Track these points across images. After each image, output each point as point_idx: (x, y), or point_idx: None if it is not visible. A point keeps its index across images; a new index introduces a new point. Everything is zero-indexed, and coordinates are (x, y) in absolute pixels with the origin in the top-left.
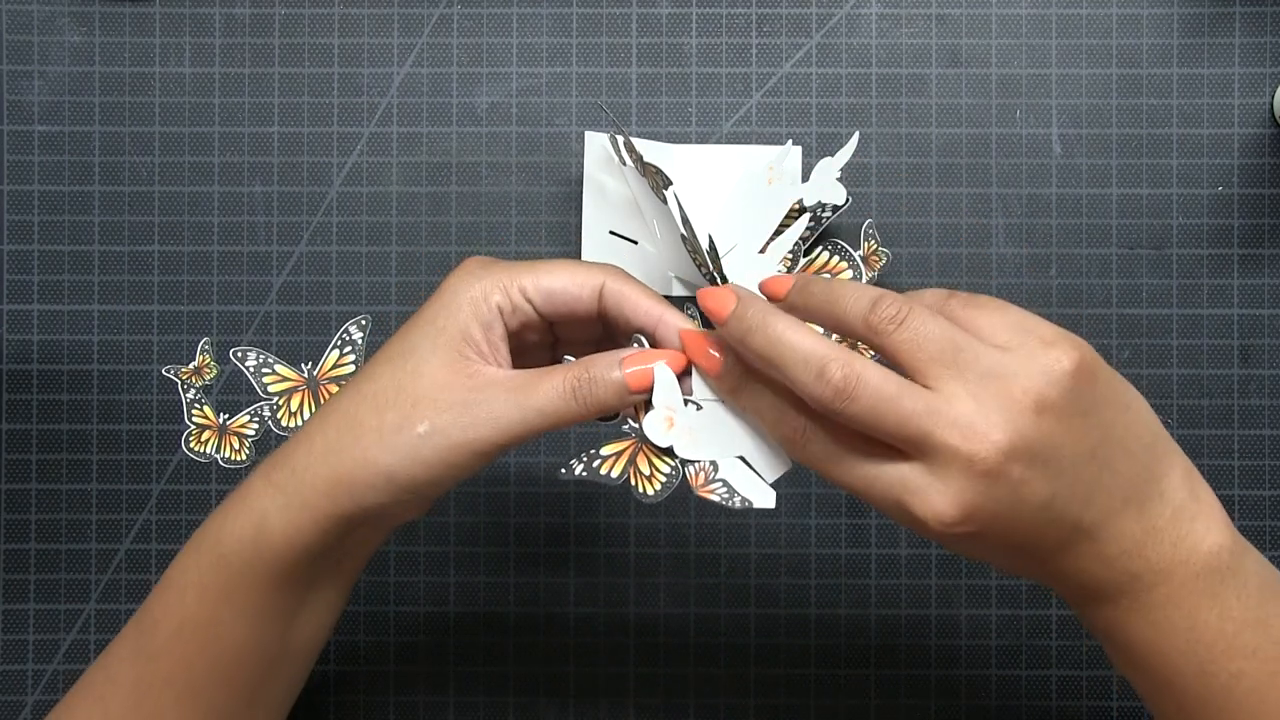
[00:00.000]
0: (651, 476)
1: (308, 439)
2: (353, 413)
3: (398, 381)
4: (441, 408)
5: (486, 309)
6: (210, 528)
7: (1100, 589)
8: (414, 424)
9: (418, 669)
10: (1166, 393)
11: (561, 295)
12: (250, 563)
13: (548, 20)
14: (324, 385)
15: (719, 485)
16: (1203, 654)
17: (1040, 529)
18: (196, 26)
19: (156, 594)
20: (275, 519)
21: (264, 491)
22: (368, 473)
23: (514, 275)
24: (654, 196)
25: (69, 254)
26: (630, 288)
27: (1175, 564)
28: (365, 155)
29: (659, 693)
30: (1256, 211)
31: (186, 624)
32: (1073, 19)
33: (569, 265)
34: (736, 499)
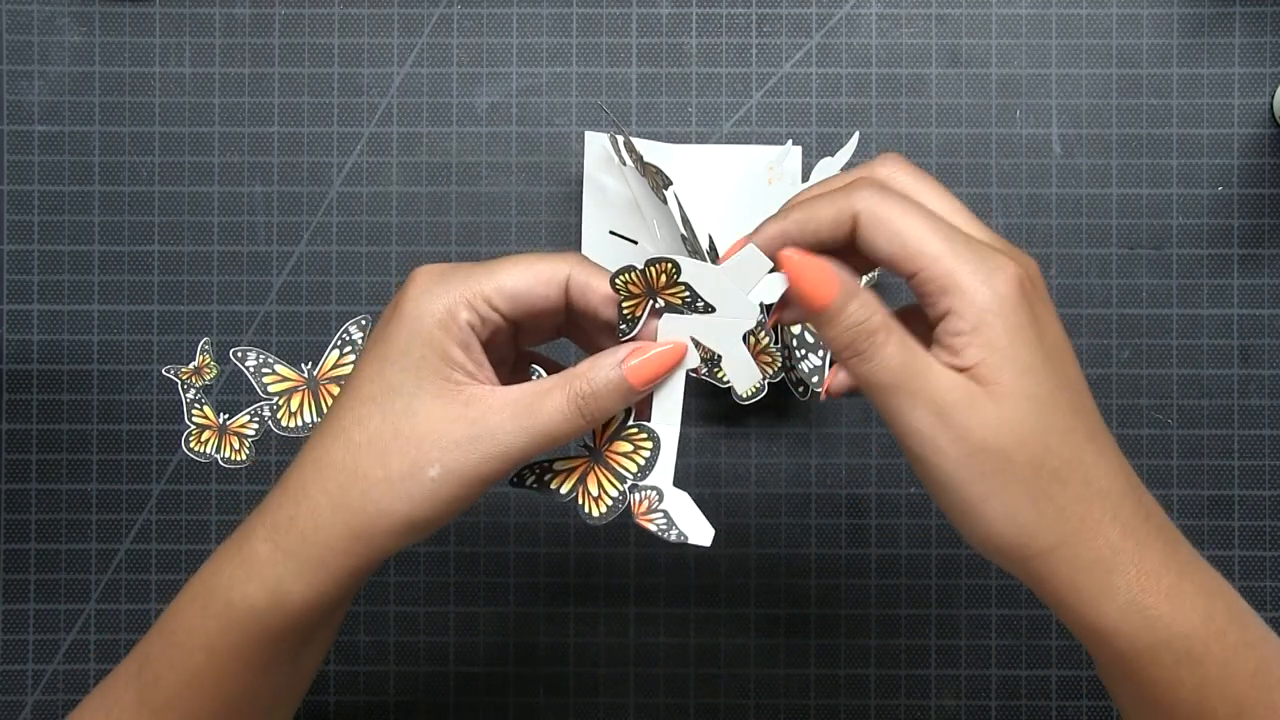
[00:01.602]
0: (599, 498)
1: (308, 499)
2: (351, 466)
3: (393, 425)
4: (447, 446)
5: (458, 328)
6: (216, 589)
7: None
8: (423, 468)
9: (418, 669)
10: (1166, 393)
11: (527, 296)
12: (265, 626)
13: (548, 20)
14: (324, 385)
15: (659, 516)
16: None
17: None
18: (196, 26)
19: (158, 647)
20: (293, 585)
21: (274, 557)
22: (387, 523)
23: (475, 284)
24: (654, 196)
25: (69, 254)
26: (595, 277)
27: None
28: (365, 155)
29: (659, 693)
30: (1256, 211)
31: (194, 680)
32: (1073, 19)
33: (528, 262)
34: (673, 532)
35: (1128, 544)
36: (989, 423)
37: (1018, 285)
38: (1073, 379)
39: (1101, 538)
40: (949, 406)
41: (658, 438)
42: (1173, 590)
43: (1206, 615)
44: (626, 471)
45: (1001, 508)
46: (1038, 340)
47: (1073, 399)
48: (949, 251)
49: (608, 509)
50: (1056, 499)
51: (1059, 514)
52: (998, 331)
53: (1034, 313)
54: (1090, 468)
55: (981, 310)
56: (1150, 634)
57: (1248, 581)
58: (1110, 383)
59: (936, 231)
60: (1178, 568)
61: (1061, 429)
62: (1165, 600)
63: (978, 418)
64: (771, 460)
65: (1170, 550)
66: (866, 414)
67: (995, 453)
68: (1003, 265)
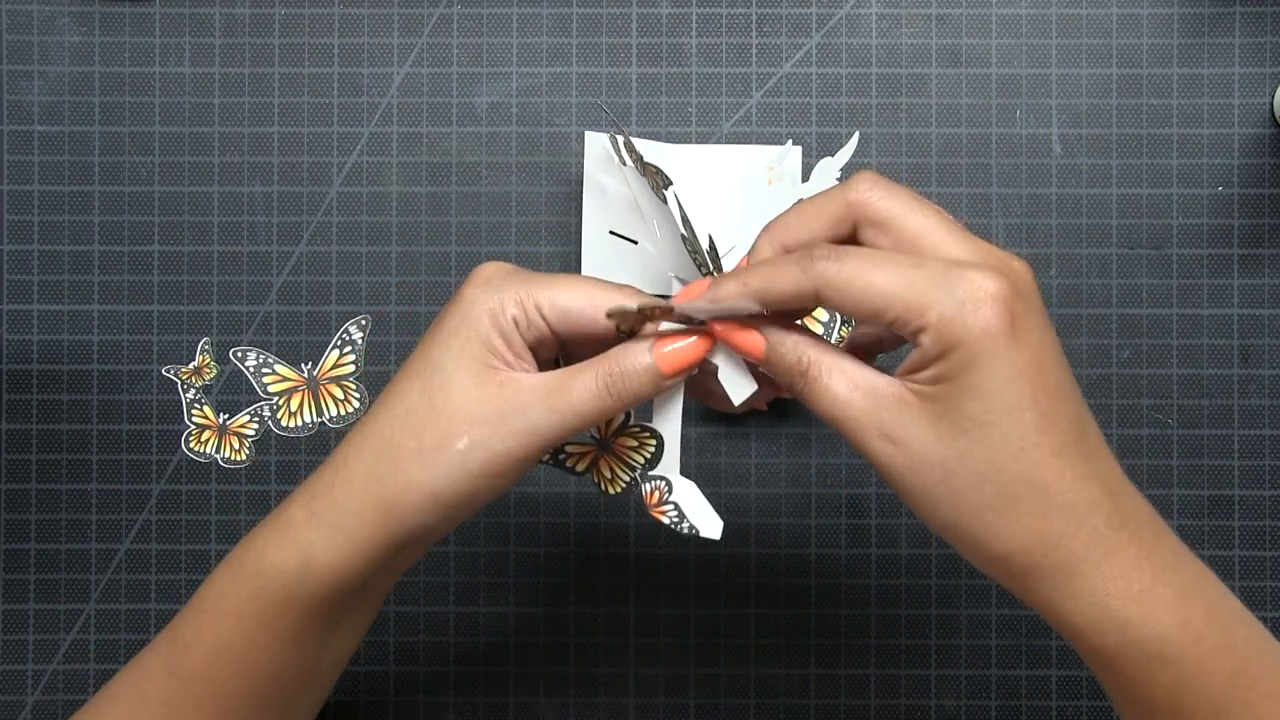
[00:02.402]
0: (613, 480)
1: (346, 467)
2: (388, 436)
3: (429, 399)
4: (477, 420)
5: (504, 321)
6: (248, 555)
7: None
8: (453, 440)
9: (418, 669)
10: (1166, 393)
11: (576, 314)
12: (293, 593)
13: (548, 20)
14: (324, 385)
15: (670, 508)
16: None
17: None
18: (196, 26)
19: (189, 615)
20: (321, 551)
21: (307, 523)
22: (414, 495)
23: (530, 289)
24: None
25: (69, 254)
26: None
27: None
28: (365, 155)
29: (659, 693)
30: (1256, 211)
31: (221, 649)
32: (1073, 19)
33: (586, 283)
34: (685, 524)
35: (1093, 552)
36: (926, 439)
37: (996, 305)
38: (1044, 391)
39: (1060, 549)
40: (889, 424)
41: (660, 436)
42: (1144, 594)
43: (1181, 619)
44: (635, 462)
45: (948, 515)
46: (1003, 363)
47: (1037, 416)
48: (915, 294)
49: (624, 488)
50: (1004, 512)
51: (1007, 526)
52: (958, 359)
53: (1013, 328)
54: (1050, 482)
55: (948, 340)
56: (1119, 634)
57: (1248, 581)
58: (1110, 383)
59: (898, 279)
60: (1153, 572)
61: (1013, 449)
62: (1134, 604)
63: (916, 434)
64: (771, 460)
65: (1146, 554)
66: None
67: (934, 465)
68: (977, 287)
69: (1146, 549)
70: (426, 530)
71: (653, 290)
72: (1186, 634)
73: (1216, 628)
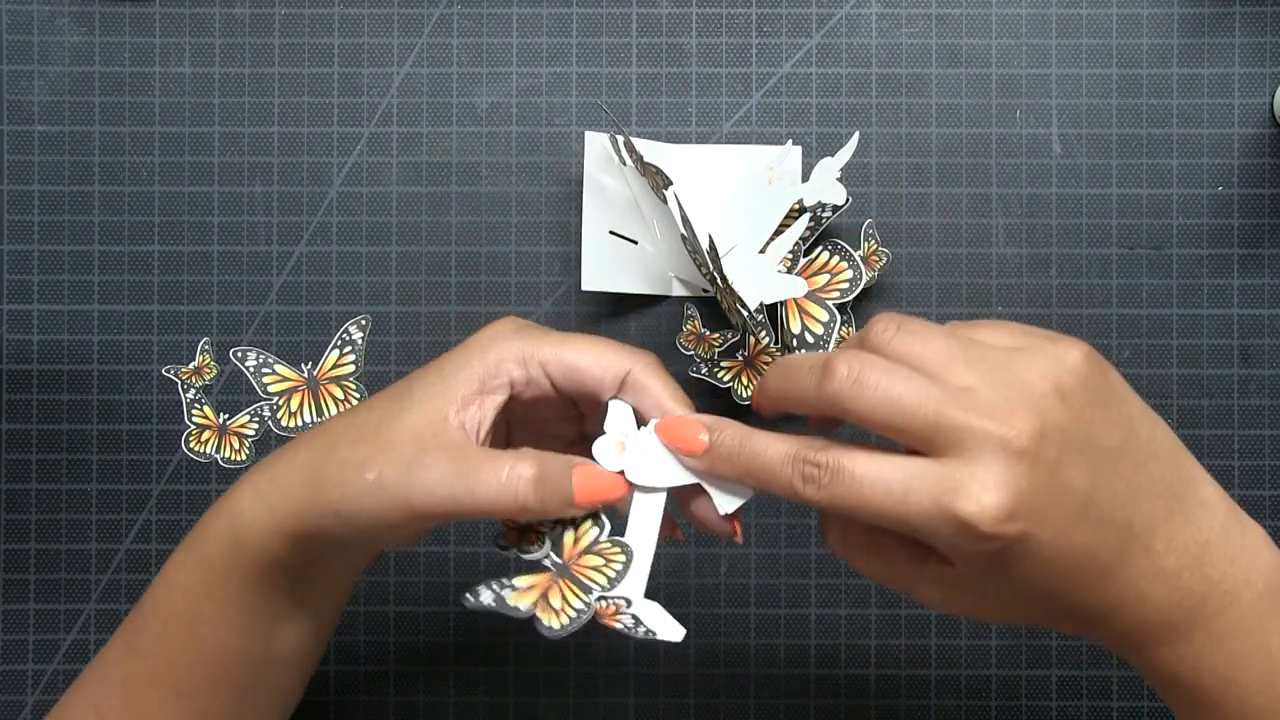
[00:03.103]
0: (561, 610)
1: (293, 449)
2: (338, 435)
3: (380, 419)
4: (392, 460)
5: (495, 378)
6: (199, 526)
7: (1165, 619)
8: (368, 468)
9: (418, 669)
10: (1166, 393)
11: (584, 374)
12: (228, 562)
13: (548, 20)
14: (324, 385)
15: (626, 617)
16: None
17: (1090, 532)
18: (196, 26)
19: (149, 590)
20: (248, 518)
21: (244, 489)
22: (323, 501)
23: (537, 345)
24: (654, 196)
25: (69, 254)
26: (656, 383)
27: (1239, 584)
28: (365, 155)
29: (659, 693)
30: (1256, 211)
31: (171, 620)
32: (1073, 19)
33: (599, 344)
34: (640, 629)
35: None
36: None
37: (986, 535)
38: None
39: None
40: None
41: (630, 552)
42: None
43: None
44: (594, 584)
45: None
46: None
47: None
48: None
49: (569, 621)
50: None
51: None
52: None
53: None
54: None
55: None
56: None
57: None
58: None
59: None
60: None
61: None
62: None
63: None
64: None
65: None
66: None
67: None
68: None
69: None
70: (332, 539)
71: (652, 291)
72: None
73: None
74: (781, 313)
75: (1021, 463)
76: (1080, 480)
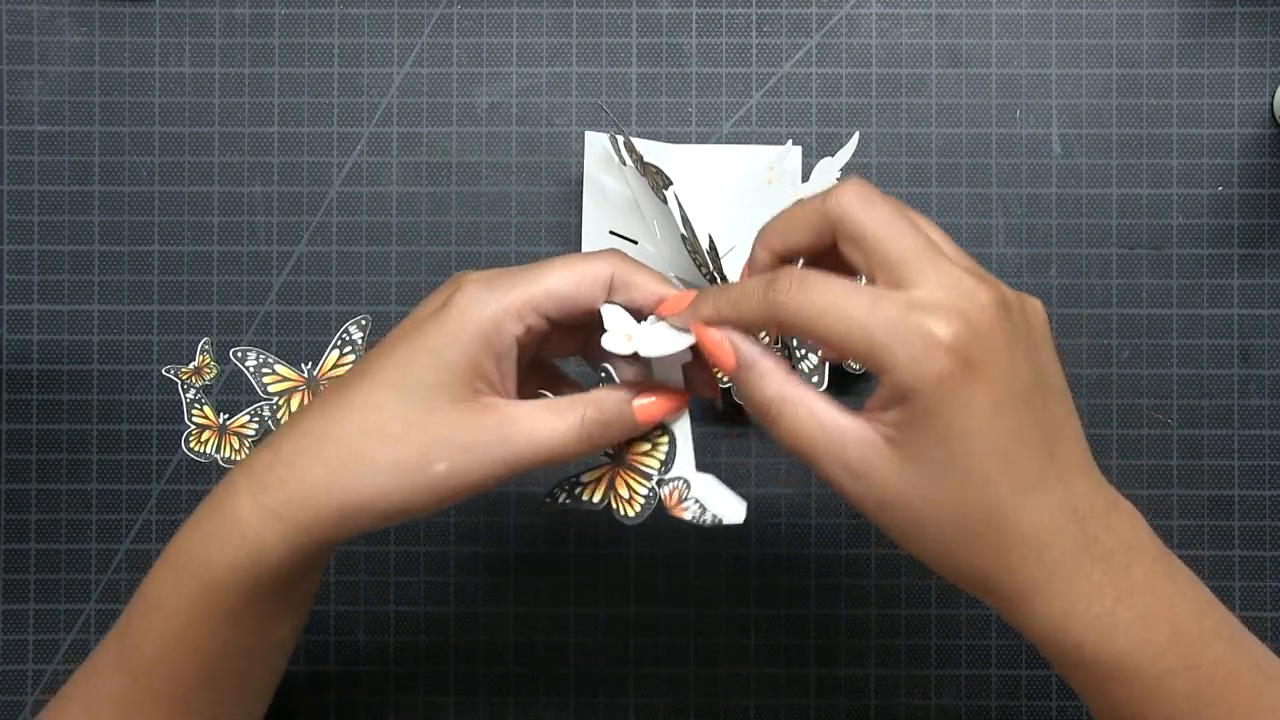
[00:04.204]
0: (630, 499)
1: (301, 467)
2: (358, 446)
3: (408, 417)
4: (460, 447)
5: (500, 341)
6: (194, 551)
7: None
8: (431, 463)
9: (418, 669)
10: (1166, 393)
11: (573, 298)
12: (244, 584)
13: (548, 20)
14: (324, 385)
15: (691, 503)
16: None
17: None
18: (196, 26)
19: (137, 614)
20: (274, 545)
21: (256, 517)
22: (382, 506)
23: (524, 290)
24: (654, 196)
25: (69, 254)
26: (637, 274)
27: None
28: (365, 155)
29: (659, 693)
30: (1256, 211)
31: (174, 643)
32: (1073, 19)
33: (571, 263)
34: (708, 516)
35: (1054, 578)
36: (893, 482)
37: (943, 353)
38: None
39: (1021, 575)
40: (855, 464)
41: (671, 432)
42: (1102, 618)
43: (1141, 641)
44: (650, 469)
45: (915, 550)
46: (962, 404)
47: (1000, 456)
48: (871, 340)
49: (641, 507)
50: (967, 547)
51: (970, 559)
52: (919, 406)
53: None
54: (1011, 519)
55: (904, 387)
56: (1076, 653)
57: (1248, 581)
58: (1110, 383)
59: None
60: (1117, 594)
61: (974, 490)
62: (1091, 629)
63: (883, 477)
64: (771, 460)
65: (1113, 578)
66: None
67: (898, 504)
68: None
69: (1114, 573)
70: (361, 531)
71: None
72: (1144, 655)
73: (1179, 650)
74: None
75: (983, 317)
76: (1024, 371)
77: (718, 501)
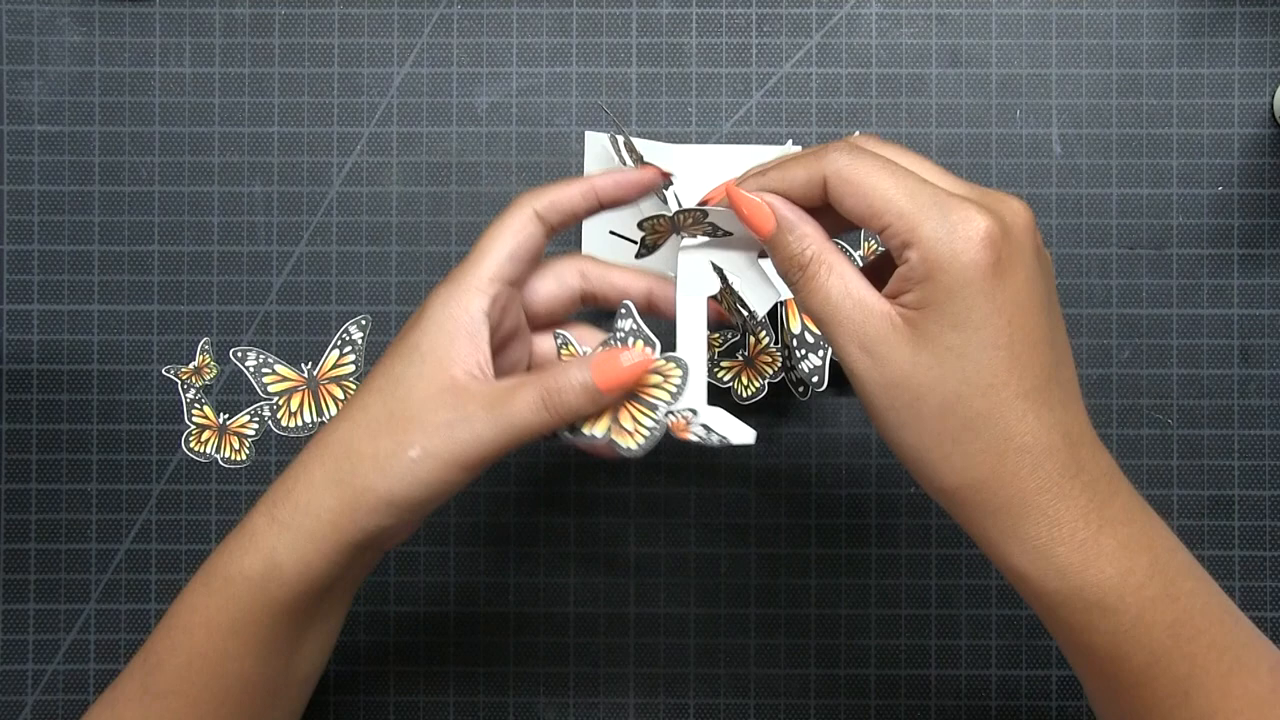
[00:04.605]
0: (634, 432)
1: (307, 473)
2: (349, 442)
3: (388, 409)
4: (429, 431)
5: (470, 321)
6: (216, 566)
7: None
8: (405, 448)
9: (418, 669)
10: (1166, 393)
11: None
12: (259, 598)
13: (548, 20)
14: (324, 385)
15: (697, 427)
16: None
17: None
18: (196, 26)
19: (161, 631)
20: (285, 555)
21: (269, 529)
22: (370, 499)
23: (476, 271)
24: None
25: (69, 254)
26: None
27: (1116, 477)
28: (365, 155)
29: (659, 693)
30: (1256, 211)
31: (194, 659)
32: (1073, 19)
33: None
34: (714, 437)
35: (1042, 497)
36: (904, 363)
37: (983, 241)
38: (1022, 335)
39: (1011, 488)
40: (872, 340)
41: (685, 366)
42: (1087, 543)
43: (1124, 569)
44: (659, 401)
45: (912, 440)
46: (985, 299)
47: (1010, 357)
48: (912, 207)
49: (645, 440)
50: (964, 445)
51: (965, 459)
52: (942, 286)
53: (994, 271)
54: (1012, 423)
55: (935, 265)
56: (1060, 581)
57: (1248, 581)
58: (1110, 383)
59: (901, 188)
60: (1100, 522)
61: (982, 384)
62: (1076, 552)
63: (895, 356)
64: (771, 460)
65: (1097, 505)
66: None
67: (906, 388)
68: (967, 219)
69: (1098, 500)
70: (382, 532)
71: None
72: (1128, 584)
73: (1160, 580)
74: (781, 313)
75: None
76: (1042, 287)
77: (725, 425)
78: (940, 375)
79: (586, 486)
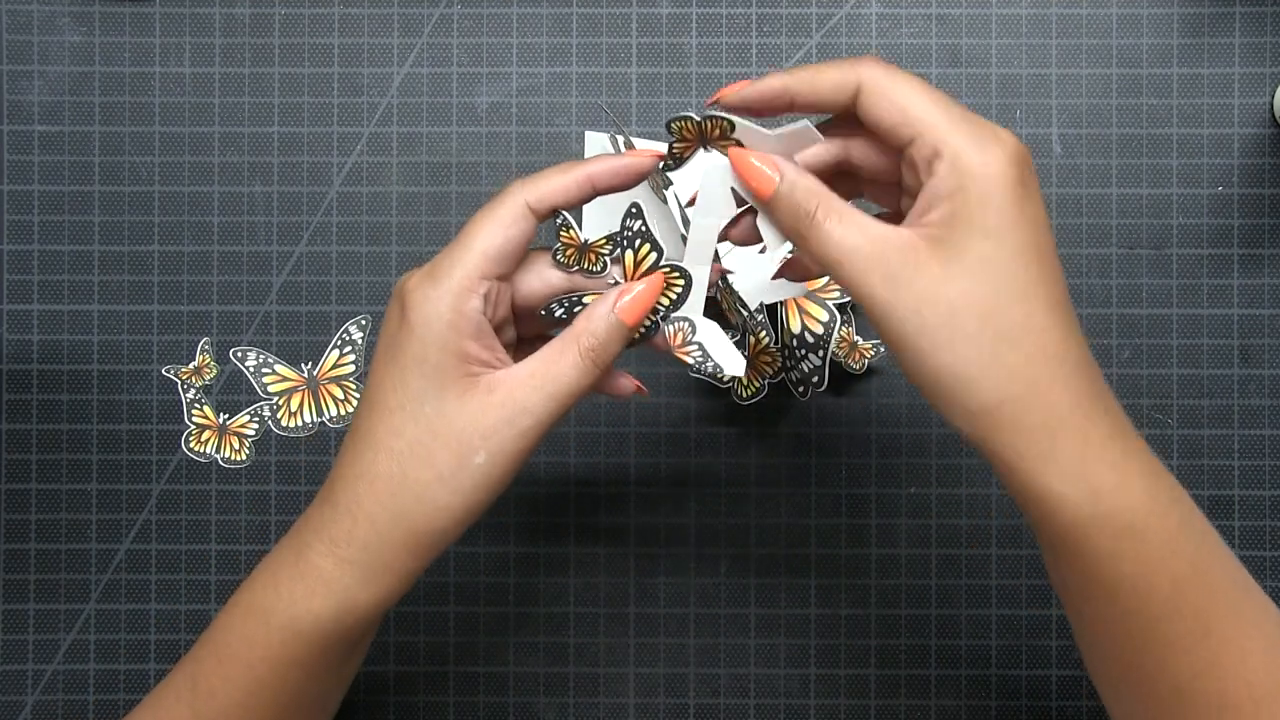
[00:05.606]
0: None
1: (364, 512)
2: (400, 474)
3: (428, 428)
4: (487, 433)
5: (467, 321)
6: (275, 605)
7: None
8: (469, 458)
9: (418, 669)
10: (1166, 393)
11: (505, 244)
12: (331, 636)
13: (548, 20)
14: (324, 385)
15: (694, 348)
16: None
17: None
18: (196, 26)
19: (212, 662)
20: (360, 593)
21: (340, 570)
22: (444, 518)
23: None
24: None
25: (69, 254)
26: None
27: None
28: (365, 155)
29: (659, 693)
30: (1256, 211)
31: (256, 690)
32: (1073, 19)
33: (484, 216)
34: (709, 364)
35: (1075, 415)
36: (936, 279)
37: (1010, 157)
38: (1044, 250)
39: (1049, 402)
40: (896, 267)
41: (689, 275)
42: (1118, 464)
43: (1151, 494)
44: (659, 305)
45: (949, 360)
46: (1015, 208)
47: (1038, 268)
48: (946, 120)
49: (639, 336)
50: (1004, 358)
51: (1006, 372)
52: (974, 195)
53: (1021, 185)
54: (1045, 332)
55: (966, 173)
56: (1093, 505)
57: None
58: (1110, 383)
59: (937, 103)
60: (1123, 445)
61: (1016, 292)
62: (1110, 472)
63: (925, 274)
64: (771, 460)
65: (1118, 429)
66: (866, 414)
67: (940, 305)
68: (997, 135)
69: (1119, 425)
70: (450, 544)
71: None
72: (1154, 510)
73: (1180, 508)
74: (781, 313)
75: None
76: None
77: (720, 351)
78: (974, 284)
79: (586, 486)
